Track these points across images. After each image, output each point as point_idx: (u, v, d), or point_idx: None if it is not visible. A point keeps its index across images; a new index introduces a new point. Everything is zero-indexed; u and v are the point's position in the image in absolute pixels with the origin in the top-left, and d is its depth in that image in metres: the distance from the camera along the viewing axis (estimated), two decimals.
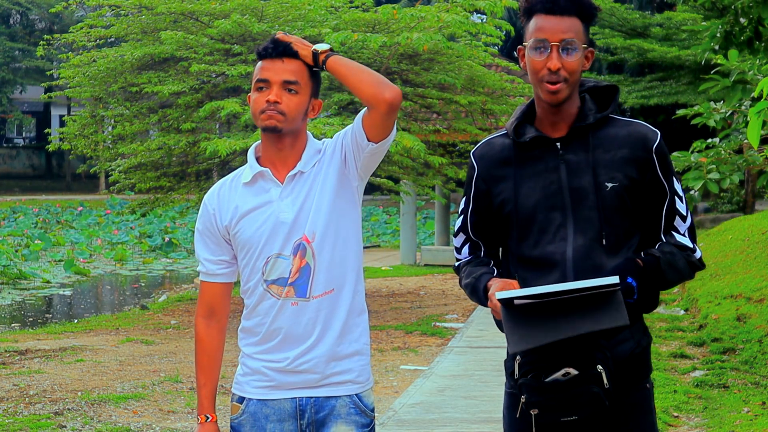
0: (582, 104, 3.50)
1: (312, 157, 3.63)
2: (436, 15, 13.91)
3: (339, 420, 3.62)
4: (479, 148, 3.61)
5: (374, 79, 3.48)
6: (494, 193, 3.53)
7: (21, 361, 11.45)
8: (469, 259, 3.63)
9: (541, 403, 3.34)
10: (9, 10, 55.79)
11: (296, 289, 3.59)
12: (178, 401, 9.41)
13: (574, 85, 3.44)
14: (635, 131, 3.48)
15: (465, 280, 3.58)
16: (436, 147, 18.71)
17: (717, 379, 9.65)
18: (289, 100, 3.56)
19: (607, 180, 3.42)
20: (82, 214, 38.70)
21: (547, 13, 3.41)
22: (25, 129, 66.38)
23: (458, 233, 3.66)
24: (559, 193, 3.44)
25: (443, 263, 22.07)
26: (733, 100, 10.10)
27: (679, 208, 3.49)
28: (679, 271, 3.45)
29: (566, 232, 3.43)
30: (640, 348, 3.48)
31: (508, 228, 3.53)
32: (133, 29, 15.17)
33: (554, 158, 3.46)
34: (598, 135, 3.47)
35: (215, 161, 15.57)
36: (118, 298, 20.85)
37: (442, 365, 10.80)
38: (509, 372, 3.49)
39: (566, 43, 3.39)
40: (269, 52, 3.59)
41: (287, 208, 3.58)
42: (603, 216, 3.41)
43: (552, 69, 3.38)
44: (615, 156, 3.44)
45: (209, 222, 3.69)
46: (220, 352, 3.75)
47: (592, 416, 3.37)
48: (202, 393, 3.72)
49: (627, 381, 3.44)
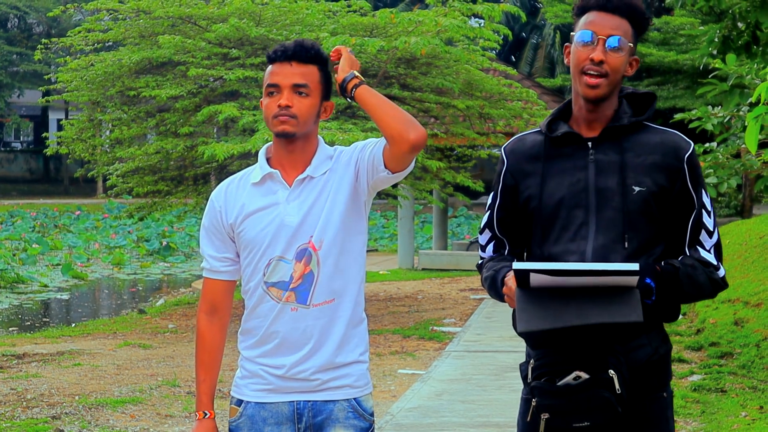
0: (618, 107, 3.48)
1: (322, 162, 3.62)
2: (434, 19, 13.93)
3: (337, 424, 3.61)
4: (510, 143, 3.60)
5: (401, 117, 3.46)
6: (521, 189, 3.51)
7: (18, 365, 11.44)
8: (492, 257, 3.61)
9: (551, 407, 3.32)
10: (7, 14, 55.81)
11: (297, 295, 3.58)
12: (176, 405, 9.41)
13: (615, 84, 3.42)
14: (668, 139, 3.44)
15: (485, 273, 3.55)
16: (434, 151, 18.71)
17: (714, 384, 9.66)
18: (300, 103, 3.55)
19: (635, 184, 3.39)
20: (80, 218, 38.70)
21: (600, 10, 3.41)
22: (23, 133, 66.38)
23: (484, 229, 3.64)
24: (584, 191, 3.42)
25: (441, 267, 22.08)
26: (730, 105, 10.10)
27: (706, 223, 3.44)
28: (698, 285, 3.40)
29: (588, 230, 3.40)
30: (658, 355, 3.44)
31: (531, 225, 3.50)
32: (131, 33, 15.17)
33: (584, 157, 3.45)
34: (630, 139, 3.44)
35: (213, 165, 15.56)
36: (116, 302, 20.84)
37: (439, 369, 10.79)
38: (524, 376, 3.46)
39: (613, 39, 3.38)
40: (278, 56, 3.58)
41: (293, 212, 3.58)
42: (627, 219, 3.38)
43: (595, 60, 3.37)
44: (645, 161, 3.41)
45: (215, 219, 3.69)
46: (221, 349, 3.74)
47: (605, 423, 3.33)
48: (201, 389, 3.72)
49: (643, 388, 3.40)
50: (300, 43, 3.59)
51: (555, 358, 3.33)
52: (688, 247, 3.44)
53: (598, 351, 3.29)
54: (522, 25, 43.29)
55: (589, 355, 3.29)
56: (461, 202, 30.45)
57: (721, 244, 3.49)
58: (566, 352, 3.31)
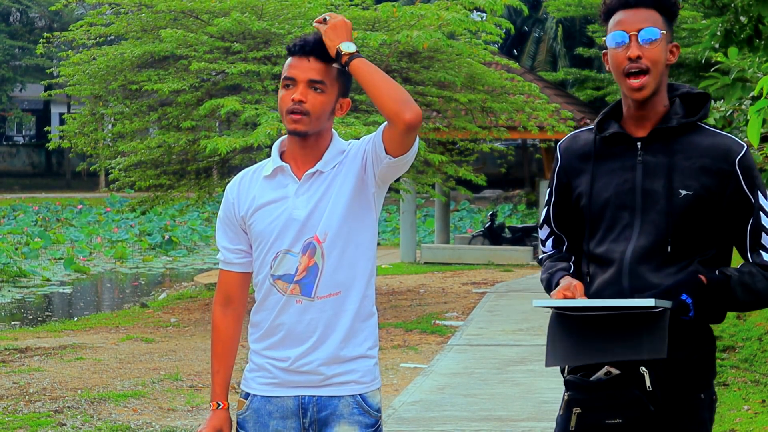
0: (670, 107, 3.43)
1: (334, 157, 3.61)
2: (436, 13, 13.92)
3: (342, 420, 3.61)
4: (565, 140, 3.58)
5: (397, 95, 3.43)
6: (573, 186, 3.50)
7: (21, 359, 11.45)
8: (552, 253, 3.60)
9: (583, 402, 3.31)
10: (9, 8, 55.80)
11: (302, 287, 3.59)
12: (178, 399, 9.42)
13: (659, 77, 3.38)
14: (719, 142, 3.38)
15: (543, 274, 3.55)
16: (436, 145, 18.71)
17: (717, 377, 9.65)
18: (315, 99, 3.54)
19: (682, 187, 3.33)
20: (82, 212, 38.71)
21: (625, 8, 3.38)
22: (25, 127, 66.41)
23: (543, 225, 3.63)
24: (631, 192, 3.38)
25: (443, 261, 22.09)
26: (732, 99, 10.09)
27: (766, 224, 3.35)
28: (756, 292, 3.32)
29: (631, 232, 3.36)
30: (697, 355, 3.37)
31: (582, 223, 3.49)
32: (133, 27, 15.17)
33: (633, 157, 3.40)
34: (680, 140, 3.39)
35: (215, 159, 15.57)
36: (118, 296, 20.86)
37: (441, 363, 10.80)
38: (561, 369, 3.45)
39: (645, 32, 3.34)
40: (297, 49, 3.57)
41: (301, 206, 3.58)
42: (671, 222, 3.33)
43: (632, 57, 3.33)
44: (694, 164, 3.35)
45: (229, 210, 3.70)
46: (236, 341, 3.75)
47: (638, 420, 3.29)
48: (215, 380, 3.73)
49: (679, 388, 3.34)
50: (320, 40, 3.55)
51: None
52: (750, 252, 3.37)
53: None
54: (524, 18, 43.22)
55: None
56: (463, 195, 30.46)
57: None
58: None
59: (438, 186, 19.04)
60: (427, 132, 17.02)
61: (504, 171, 38.45)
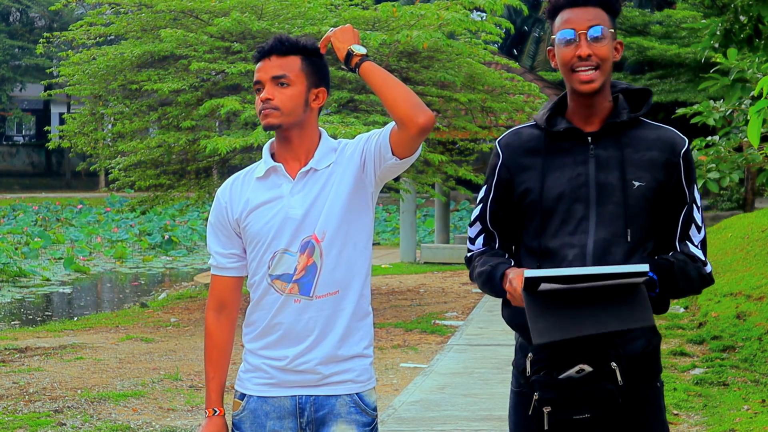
0: (615, 102, 3.50)
1: (326, 155, 3.63)
2: (436, 13, 13.92)
3: (339, 419, 3.62)
4: (506, 136, 3.60)
5: (409, 99, 3.46)
6: (517, 182, 3.52)
7: (21, 359, 11.46)
8: (483, 250, 3.61)
9: (554, 400, 3.34)
10: (9, 7, 55.81)
11: (300, 286, 3.59)
12: (178, 399, 9.42)
13: (607, 74, 3.43)
14: (665, 135, 3.48)
15: (479, 268, 3.55)
16: (436, 145, 18.71)
17: (717, 377, 9.66)
18: (281, 94, 3.58)
19: (635, 179, 3.42)
20: (82, 212, 38.73)
21: (572, 6, 3.42)
22: (25, 127, 66.43)
23: (474, 222, 3.64)
24: (585, 186, 3.43)
25: (443, 261, 22.08)
26: (732, 99, 10.11)
27: (696, 218, 3.49)
28: (690, 280, 3.44)
29: (588, 224, 3.42)
30: (652, 346, 3.48)
31: (525, 219, 3.51)
32: (133, 27, 15.17)
33: (584, 152, 3.46)
34: (629, 134, 3.47)
35: (215, 159, 15.57)
36: (118, 296, 20.86)
37: (441, 363, 10.80)
38: (520, 370, 3.48)
39: (594, 30, 3.40)
40: (258, 54, 3.65)
41: (297, 204, 3.59)
42: (628, 213, 3.41)
43: (582, 56, 3.38)
44: (643, 157, 3.44)
45: (221, 215, 3.71)
46: (230, 346, 3.75)
47: (605, 414, 3.37)
48: (211, 386, 3.73)
49: (639, 379, 3.44)
50: (277, 38, 3.63)
51: (554, 351, 3.34)
52: (678, 241, 3.48)
53: (598, 344, 3.32)
54: (524, 18, 43.23)
55: (590, 348, 3.31)
56: (463, 195, 30.47)
57: (706, 240, 3.52)
58: (566, 345, 3.32)
59: (438, 186, 19.04)
60: None
61: None
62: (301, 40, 3.64)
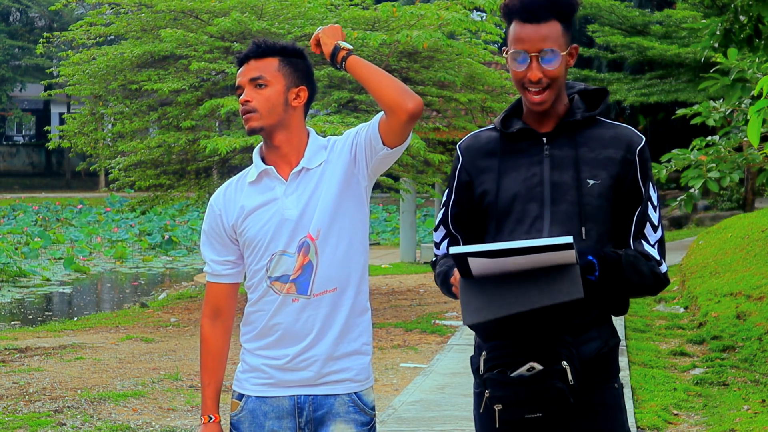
0: (571, 103, 3.50)
1: (316, 153, 3.64)
2: (436, 13, 13.92)
3: (338, 418, 3.62)
4: (465, 140, 3.61)
5: (396, 86, 3.49)
6: (476, 184, 3.52)
7: (21, 359, 11.46)
8: (447, 254, 3.60)
9: (504, 398, 3.33)
10: (9, 7, 55.82)
11: (297, 285, 3.59)
12: (178, 399, 9.42)
13: (559, 88, 3.42)
14: (621, 133, 3.47)
15: (438, 269, 3.56)
16: (436, 145, 18.72)
17: (717, 377, 9.66)
18: (259, 95, 3.60)
19: (590, 177, 3.42)
20: (82, 212, 38.74)
21: (525, 22, 3.38)
22: (25, 127, 66.44)
23: (438, 226, 3.64)
24: (539, 185, 3.43)
25: None
26: (732, 99, 10.11)
27: (652, 217, 3.47)
28: (641, 274, 3.40)
29: (542, 224, 3.41)
30: (608, 348, 3.45)
31: (485, 222, 3.51)
32: (133, 27, 15.18)
33: (539, 152, 3.46)
34: (584, 133, 3.47)
35: (215, 159, 15.57)
36: (118, 296, 20.86)
37: (441, 363, 10.80)
38: (475, 368, 3.47)
39: (545, 52, 3.37)
40: (238, 61, 3.69)
41: (292, 205, 3.59)
42: (583, 212, 3.40)
43: (533, 80, 3.37)
44: (599, 155, 3.44)
45: (215, 223, 3.71)
46: (225, 353, 3.76)
47: (558, 414, 3.36)
48: (206, 393, 3.74)
49: (594, 380, 3.42)
50: (254, 42, 3.67)
51: (507, 350, 3.34)
52: (632, 239, 3.46)
53: (549, 343, 3.31)
54: None
55: (541, 347, 3.31)
56: None
57: (664, 241, 3.50)
58: (518, 344, 3.32)
59: (438, 186, 19.04)
60: (427, 132, 17.02)
61: None
62: (278, 42, 3.68)
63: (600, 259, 3.35)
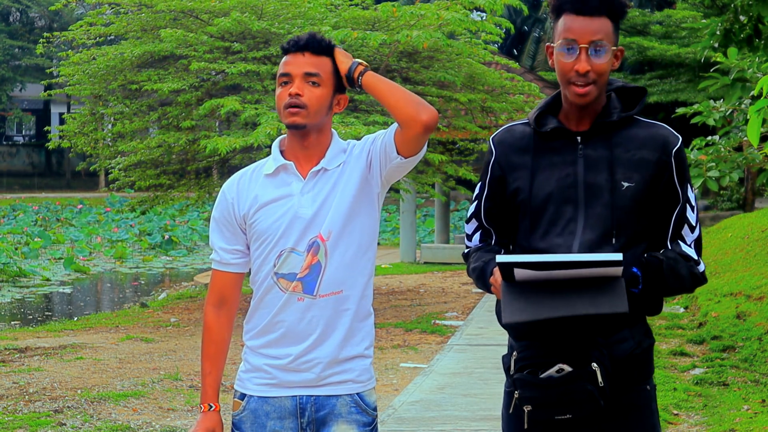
0: (608, 102, 3.46)
1: (337, 155, 3.62)
2: (436, 13, 13.92)
3: (340, 419, 3.61)
4: (499, 133, 3.58)
5: (411, 99, 3.49)
6: (509, 180, 3.50)
7: (21, 359, 11.45)
8: (479, 246, 3.60)
9: (534, 399, 3.32)
10: (9, 7, 55.81)
11: (304, 285, 3.58)
12: (178, 399, 9.42)
13: (603, 86, 3.40)
14: (657, 133, 3.44)
15: (473, 264, 3.54)
16: (436, 145, 18.70)
17: (717, 377, 9.66)
18: (311, 92, 3.55)
19: (624, 179, 3.39)
20: (82, 212, 38.74)
21: (576, 14, 3.36)
22: (25, 127, 66.44)
23: (470, 219, 3.63)
24: (573, 186, 3.41)
25: (443, 261, 22.08)
26: (732, 98, 10.11)
27: (689, 217, 3.45)
28: (681, 278, 3.40)
29: (576, 226, 3.39)
30: (641, 349, 3.43)
31: (518, 217, 3.50)
32: (133, 27, 15.18)
33: (573, 152, 3.44)
34: (620, 133, 3.43)
35: (215, 159, 15.58)
36: (118, 296, 20.86)
37: (441, 363, 10.80)
38: (506, 368, 3.46)
39: (595, 44, 3.34)
40: (291, 46, 3.60)
41: (307, 204, 3.57)
42: (615, 215, 3.38)
43: (580, 72, 3.34)
44: (634, 156, 3.40)
45: (227, 211, 3.68)
46: (227, 342, 3.75)
47: (588, 416, 3.34)
48: (207, 381, 3.73)
49: (625, 382, 3.40)
50: (313, 35, 3.61)
51: (538, 350, 3.33)
52: (670, 240, 3.45)
53: (581, 344, 3.30)
54: (524, 18, 43.24)
55: (573, 348, 3.30)
56: (463, 195, 30.46)
57: (701, 239, 3.48)
58: (549, 344, 3.31)
59: (438, 186, 19.04)
60: None
61: None
62: (333, 42, 3.64)
63: (644, 271, 3.34)
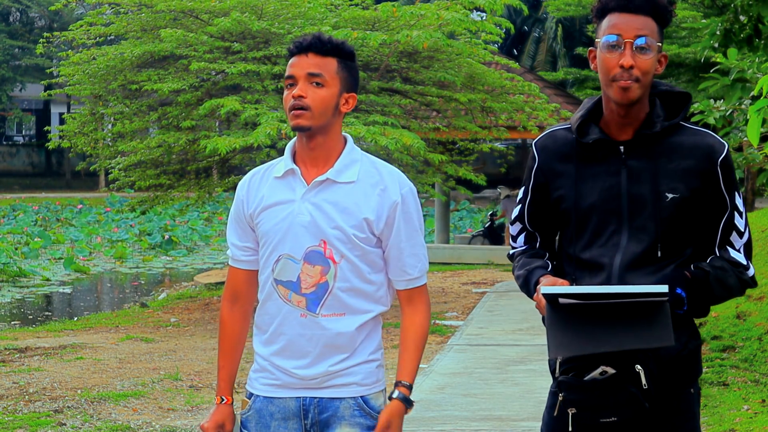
0: (651, 109, 3.40)
1: (347, 167, 3.59)
2: (436, 13, 13.93)
3: (343, 422, 3.62)
4: (542, 138, 3.54)
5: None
6: (553, 187, 3.47)
7: (21, 359, 11.45)
8: (525, 249, 3.59)
9: (578, 402, 3.30)
10: (9, 7, 55.80)
11: (308, 301, 3.58)
12: (178, 399, 9.42)
13: (646, 87, 3.34)
14: (702, 142, 3.38)
15: (518, 271, 3.53)
16: (436, 145, 18.73)
17: (717, 377, 9.66)
18: (315, 94, 3.53)
19: (668, 190, 3.34)
20: (82, 212, 38.71)
21: (622, 11, 3.32)
22: (25, 127, 66.42)
23: (515, 221, 3.61)
24: (617, 198, 3.37)
25: (443, 261, 22.08)
26: (732, 99, 10.10)
27: (738, 224, 3.41)
28: (728, 288, 3.37)
29: (620, 238, 3.36)
30: (687, 350, 3.38)
31: (563, 224, 3.48)
32: (133, 27, 15.18)
33: (616, 162, 3.38)
34: (663, 143, 3.38)
35: (215, 159, 15.58)
36: (118, 296, 20.86)
37: (441, 363, 10.80)
38: (552, 369, 3.44)
39: (641, 40, 3.29)
40: (295, 47, 3.59)
41: (305, 211, 3.56)
42: (660, 227, 3.34)
43: (625, 66, 3.28)
44: (678, 166, 3.35)
45: (238, 208, 3.70)
46: (243, 337, 3.76)
47: (632, 418, 3.30)
48: (221, 375, 3.75)
49: (671, 383, 3.36)
50: (317, 36, 3.59)
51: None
52: (718, 247, 3.41)
53: None
54: (524, 18, 43.28)
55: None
56: (463, 195, 30.45)
57: (751, 242, 3.45)
58: None
59: (438, 186, 19.04)
60: (427, 132, 17.01)
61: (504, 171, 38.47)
62: (339, 42, 3.61)
63: (689, 290, 3.31)
